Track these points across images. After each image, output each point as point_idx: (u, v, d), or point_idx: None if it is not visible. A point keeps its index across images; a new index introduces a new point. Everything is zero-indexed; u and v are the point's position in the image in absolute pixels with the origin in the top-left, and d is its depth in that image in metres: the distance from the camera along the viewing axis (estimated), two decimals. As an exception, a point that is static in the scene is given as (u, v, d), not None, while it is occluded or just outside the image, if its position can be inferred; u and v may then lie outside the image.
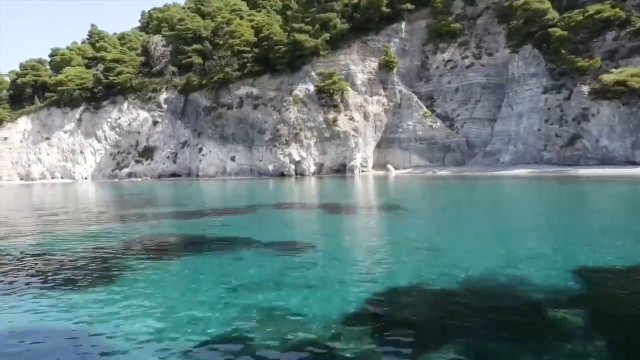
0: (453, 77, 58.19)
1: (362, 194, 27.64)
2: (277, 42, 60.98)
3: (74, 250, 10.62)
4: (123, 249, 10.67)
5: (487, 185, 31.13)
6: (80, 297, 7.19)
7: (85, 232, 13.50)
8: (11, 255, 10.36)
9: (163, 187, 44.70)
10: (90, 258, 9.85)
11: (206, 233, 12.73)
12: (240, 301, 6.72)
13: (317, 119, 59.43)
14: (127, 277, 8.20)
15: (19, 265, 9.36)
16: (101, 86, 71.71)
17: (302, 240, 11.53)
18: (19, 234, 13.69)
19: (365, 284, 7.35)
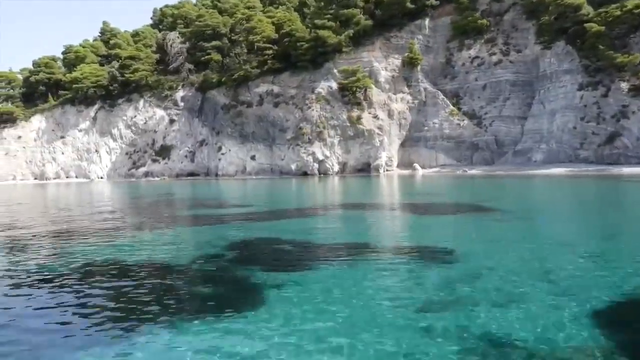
0: (480, 74, 56.98)
1: (420, 193, 26.36)
2: (299, 39, 59.77)
3: (180, 264, 9.12)
4: (237, 259, 9.45)
5: (543, 184, 29.86)
6: (219, 328, 5.52)
7: (171, 238, 12.28)
8: (102, 274, 8.58)
9: (191, 187, 43.46)
10: (204, 273, 8.46)
11: (312, 238, 11.52)
12: (437, 324, 5.44)
13: (341, 117, 58.23)
14: (266, 296, 6.72)
15: (124, 288, 7.61)
16: (117, 84, 70.43)
17: (431, 245, 10.32)
18: (95, 243, 12.46)
19: (580, 298, 6.14)
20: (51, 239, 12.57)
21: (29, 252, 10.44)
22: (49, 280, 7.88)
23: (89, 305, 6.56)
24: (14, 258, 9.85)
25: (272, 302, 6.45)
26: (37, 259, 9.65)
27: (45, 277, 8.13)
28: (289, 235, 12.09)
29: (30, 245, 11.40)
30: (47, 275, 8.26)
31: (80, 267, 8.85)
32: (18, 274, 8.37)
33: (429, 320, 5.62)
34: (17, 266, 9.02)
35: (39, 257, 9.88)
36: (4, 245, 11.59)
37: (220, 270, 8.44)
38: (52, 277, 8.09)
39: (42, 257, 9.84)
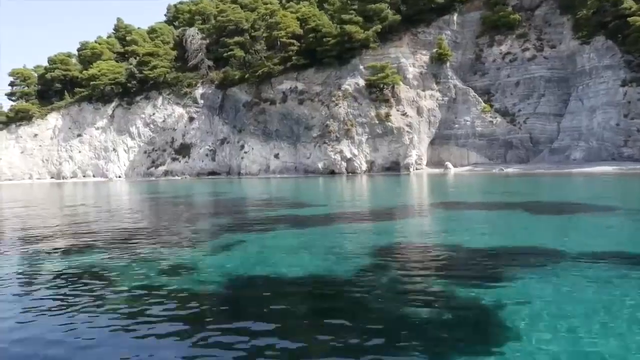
0: (513, 70, 55.60)
1: (495, 192, 24.83)
2: (326, 34, 58.30)
3: (358, 278, 7.39)
4: (418, 270, 7.98)
5: (610, 182, 28.41)
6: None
7: (298, 243, 10.81)
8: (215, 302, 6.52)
9: (228, 186, 41.99)
10: (406, 289, 6.91)
11: (466, 241, 10.06)
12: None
13: (369, 114, 56.80)
14: (505, 319, 5.41)
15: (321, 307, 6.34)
16: (135, 81, 68.97)
17: (613, 250, 8.88)
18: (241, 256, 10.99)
19: None
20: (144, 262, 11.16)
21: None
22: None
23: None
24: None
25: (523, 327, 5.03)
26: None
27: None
28: (431, 238, 10.66)
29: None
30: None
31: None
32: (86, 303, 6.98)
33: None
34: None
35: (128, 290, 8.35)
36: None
37: (415, 286, 6.96)
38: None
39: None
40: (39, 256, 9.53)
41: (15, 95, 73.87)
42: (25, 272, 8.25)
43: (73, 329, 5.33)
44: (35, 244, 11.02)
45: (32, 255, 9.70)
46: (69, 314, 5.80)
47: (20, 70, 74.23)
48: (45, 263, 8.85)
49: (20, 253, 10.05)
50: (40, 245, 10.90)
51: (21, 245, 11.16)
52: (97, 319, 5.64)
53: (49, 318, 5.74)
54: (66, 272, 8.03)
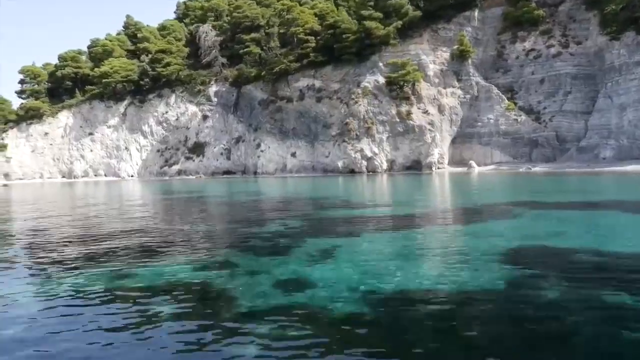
0: (537, 67, 54.43)
1: (542, 192, 23.74)
2: (345, 31, 57.11)
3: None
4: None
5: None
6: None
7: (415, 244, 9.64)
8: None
9: (256, 186, 40.80)
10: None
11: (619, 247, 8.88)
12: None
13: (390, 112, 55.65)
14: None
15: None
16: (147, 78, 67.76)
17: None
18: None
19: None
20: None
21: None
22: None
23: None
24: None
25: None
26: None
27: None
28: (553, 241, 9.45)
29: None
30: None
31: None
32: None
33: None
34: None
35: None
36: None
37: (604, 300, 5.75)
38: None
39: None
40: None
41: (25, 93, 72.64)
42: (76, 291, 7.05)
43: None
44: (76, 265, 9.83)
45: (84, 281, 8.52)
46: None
47: (30, 68, 73.01)
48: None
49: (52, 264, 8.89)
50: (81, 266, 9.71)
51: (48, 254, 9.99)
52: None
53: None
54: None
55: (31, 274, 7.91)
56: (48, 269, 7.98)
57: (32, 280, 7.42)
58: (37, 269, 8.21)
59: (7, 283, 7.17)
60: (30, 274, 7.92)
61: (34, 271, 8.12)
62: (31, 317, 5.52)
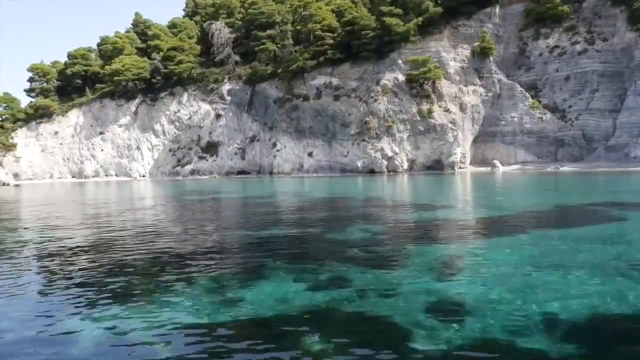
0: (562, 64, 53.21)
1: (597, 191, 22.49)
2: (364, 27, 55.80)
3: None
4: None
5: None
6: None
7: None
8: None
9: (281, 185, 39.52)
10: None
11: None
12: None
13: (410, 110, 54.39)
14: None
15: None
16: (159, 76, 66.41)
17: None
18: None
19: None
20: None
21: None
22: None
23: None
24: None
25: None
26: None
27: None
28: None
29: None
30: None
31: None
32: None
33: None
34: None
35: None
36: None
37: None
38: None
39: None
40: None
41: (34, 92, 71.25)
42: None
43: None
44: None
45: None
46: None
47: (39, 66, 71.57)
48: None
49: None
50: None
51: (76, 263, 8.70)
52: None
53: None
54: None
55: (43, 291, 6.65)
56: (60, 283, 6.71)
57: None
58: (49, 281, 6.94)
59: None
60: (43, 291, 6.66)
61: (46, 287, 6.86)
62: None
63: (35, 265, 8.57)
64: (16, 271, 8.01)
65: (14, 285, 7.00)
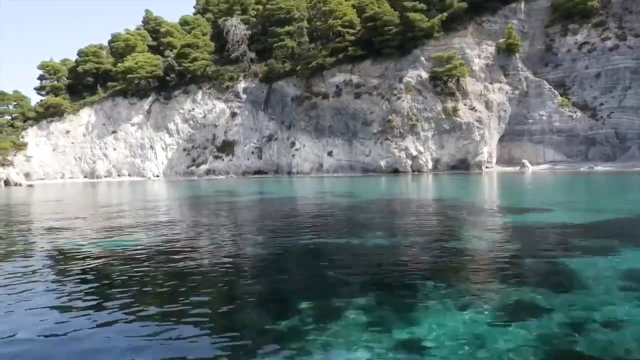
0: (592, 61, 51.65)
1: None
2: (387, 23, 54.30)
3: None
4: None
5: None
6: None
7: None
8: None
9: (315, 185, 37.97)
10: None
11: None
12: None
13: (435, 108, 52.87)
14: None
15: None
16: (173, 74, 64.88)
17: None
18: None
19: None
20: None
21: None
22: None
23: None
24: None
25: None
26: None
27: None
28: None
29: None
30: None
31: None
32: None
33: None
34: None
35: None
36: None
37: None
38: None
39: None
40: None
41: (44, 90, 69.70)
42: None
43: None
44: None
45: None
46: None
47: (50, 63, 70.02)
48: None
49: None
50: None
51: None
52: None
53: None
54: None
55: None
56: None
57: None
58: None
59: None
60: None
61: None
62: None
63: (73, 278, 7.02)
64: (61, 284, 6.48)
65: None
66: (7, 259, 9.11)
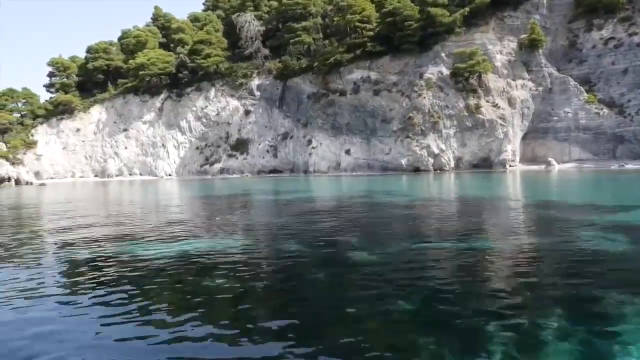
0: (618, 57, 50.38)
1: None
2: (407, 18, 53.04)
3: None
4: None
5: None
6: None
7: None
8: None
9: (353, 185, 36.70)
10: None
11: None
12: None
13: (457, 105, 51.64)
14: None
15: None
16: (186, 71, 63.59)
17: None
18: None
19: None
20: None
21: None
22: None
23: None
24: None
25: None
26: None
27: None
28: None
29: None
30: None
31: None
32: None
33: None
34: None
35: None
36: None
37: None
38: None
39: None
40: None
41: (53, 87, 68.39)
42: None
43: None
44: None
45: None
46: None
47: (59, 60, 68.71)
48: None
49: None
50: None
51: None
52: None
53: None
54: None
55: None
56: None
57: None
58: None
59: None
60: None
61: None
62: None
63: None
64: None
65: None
66: (52, 268, 7.87)
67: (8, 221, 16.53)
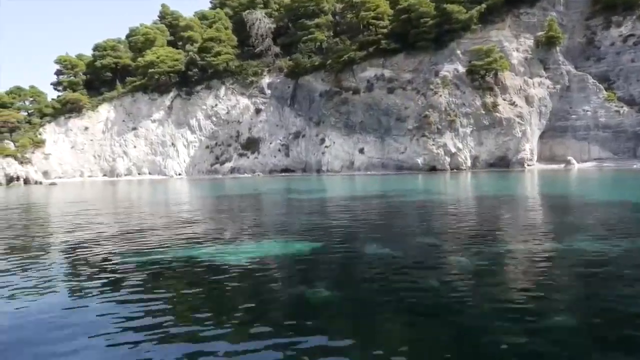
0: (638, 54, 49.65)
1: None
2: (422, 15, 52.22)
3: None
4: None
5: None
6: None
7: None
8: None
9: (377, 185, 35.87)
10: None
11: None
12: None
13: (474, 103, 50.84)
14: None
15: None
16: (196, 69, 62.74)
17: None
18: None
19: None
20: None
21: None
22: None
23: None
24: None
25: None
26: None
27: None
28: None
29: None
30: None
31: None
32: None
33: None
34: None
35: None
36: None
37: None
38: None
39: None
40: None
41: (61, 85, 67.52)
42: None
43: None
44: None
45: None
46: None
47: (67, 58, 67.82)
48: None
49: None
50: None
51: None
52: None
53: None
54: None
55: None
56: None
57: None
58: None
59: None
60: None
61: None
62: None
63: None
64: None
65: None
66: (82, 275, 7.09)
67: (35, 221, 15.72)
